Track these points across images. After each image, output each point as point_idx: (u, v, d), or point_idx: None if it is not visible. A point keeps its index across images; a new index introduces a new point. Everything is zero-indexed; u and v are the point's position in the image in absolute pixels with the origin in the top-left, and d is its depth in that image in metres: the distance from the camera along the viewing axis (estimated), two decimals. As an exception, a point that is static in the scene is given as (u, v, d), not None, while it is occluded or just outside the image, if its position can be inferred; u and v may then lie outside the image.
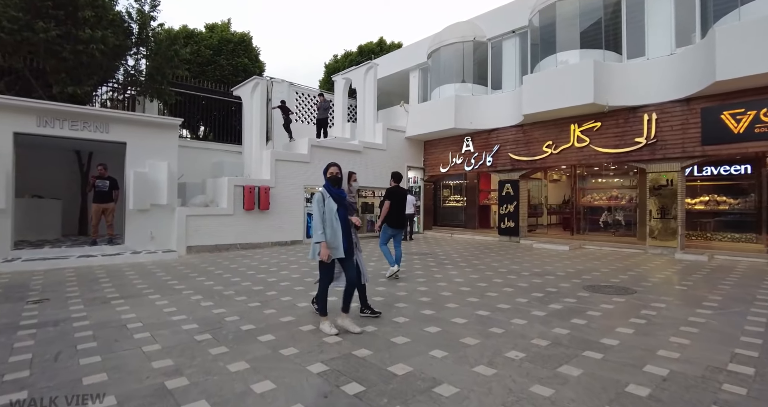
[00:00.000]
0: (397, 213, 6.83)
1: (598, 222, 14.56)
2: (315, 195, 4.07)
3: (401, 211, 6.90)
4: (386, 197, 6.81)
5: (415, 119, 14.80)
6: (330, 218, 3.98)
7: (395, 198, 6.80)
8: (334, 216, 3.99)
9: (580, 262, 8.69)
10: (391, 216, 6.78)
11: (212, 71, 16.10)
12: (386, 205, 6.73)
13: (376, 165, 14.18)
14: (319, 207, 3.98)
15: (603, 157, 10.90)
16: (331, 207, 4.00)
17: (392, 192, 6.84)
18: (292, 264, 8.41)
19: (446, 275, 7.16)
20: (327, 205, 4.01)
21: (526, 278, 6.91)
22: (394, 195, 6.80)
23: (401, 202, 6.86)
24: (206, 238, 10.17)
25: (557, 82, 10.64)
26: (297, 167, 11.86)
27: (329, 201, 4.02)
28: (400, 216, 6.89)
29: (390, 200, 6.75)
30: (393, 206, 6.74)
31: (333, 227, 3.97)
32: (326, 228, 3.94)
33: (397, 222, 6.88)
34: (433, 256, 9.52)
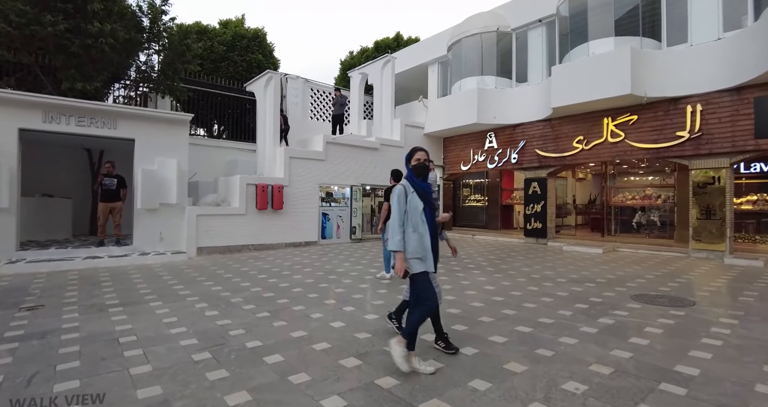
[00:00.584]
0: None
1: (629, 223, 13.69)
2: (395, 189, 3.21)
3: None
4: (386, 197, 6.39)
5: (434, 114, 14.16)
6: (415, 220, 3.13)
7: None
8: (420, 218, 3.14)
9: (618, 267, 7.93)
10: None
11: (226, 68, 15.75)
12: (386, 206, 6.32)
13: (393, 163, 13.55)
14: (401, 205, 3.13)
15: (640, 152, 10.08)
16: (416, 206, 3.15)
17: (391, 191, 6.34)
18: (306, 267, 7.88)
19: (474, 282, 6.52)
20: (410, 203, 3.16)
21: (564, 285, 6.23)
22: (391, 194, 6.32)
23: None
24: (217, 239, 9.74)
25: (590, 72, 9.87)
26: (311, 165, 11.35)
27: (413, 197, 3.17)
28: None
29: (389, 201, 6.28)
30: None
31: (419, 232, 3.12)
32: (409, 232, 3.11)
33: None
34: (457, 260, 8.88)
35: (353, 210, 12.15)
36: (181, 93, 12.34)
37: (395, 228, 3.09)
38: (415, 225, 3.13)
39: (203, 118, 14.92)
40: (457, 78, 13.80)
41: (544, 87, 11.79)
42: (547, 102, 11.45)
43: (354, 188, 12.25)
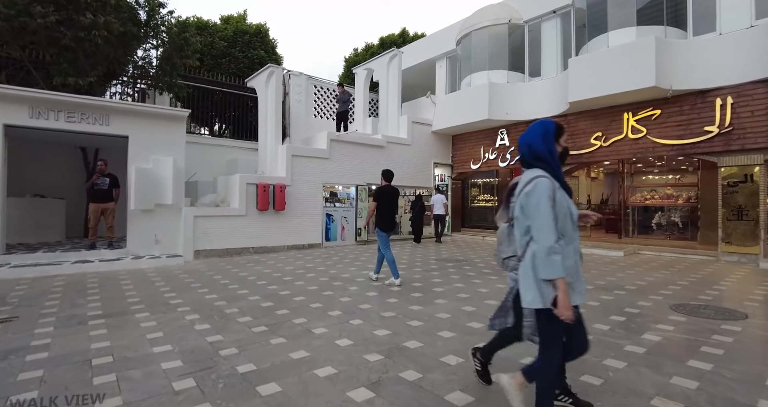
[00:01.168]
0: (389, 215, 6.30)
1: (647, 224, 13.07)
2: (536, 182, 2.05)
3: (393, 212, 6.38)
4: (375, 197, 6.29)
5: (443, 111, 13.61)
6: (565, 227, 2.08)
7: (385, 198, 6.27)
8: (571, 223, 2.11)
9: (644, 272, 7.34)
10: (383, 218, 6.25)
11: (227, 64, 15.27)
12: (372, 206, 6.27)
13: (400, 161, 13.05)
14: (549, 205, 2.01)
15: (663, 149, 9.48)
16: (567, 206, 2.10)
17: (382, 191, 6.32)
18: (309, 271, 7.35)
19: (493, 289, 5.95)
20: (559, 202, 2.07)
21: (592, 293, 5.65)
22: (383, 195, 6.28)
23: (392, 202, 6.35)
24: (216, 242, 9.23)
25: (611, 64, 9.28)
26: (315, 164, 10.83)
27: (562, 195, 2.11)
28: (391, 217, 6.35)
29: (379, 201, 6.24)
30: (383, 207, 6.24)
31: (574, 245, 2.13)
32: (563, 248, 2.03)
33: (390, 224, 6.32)
34: (470, 264, 8.32)
35: (358, 211, 11.62)
36: (179, 89, 11.86)
37: (549, 243, 1.96)
38: (567, 237, 2.08)
39: (204, 116, 14.45)
40: (467, 73, 13.24)
41: (558, 81, 11.21)
42: (562, 97, 10.87)
43: (359, 188, 11.72)
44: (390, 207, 6.29)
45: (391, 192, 6.36)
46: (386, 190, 6.32)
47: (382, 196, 6.25)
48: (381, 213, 6.23)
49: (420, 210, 12.93)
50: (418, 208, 12.91)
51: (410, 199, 14.80)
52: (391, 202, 6.30)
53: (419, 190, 14.20)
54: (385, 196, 6.26)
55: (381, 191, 6.31)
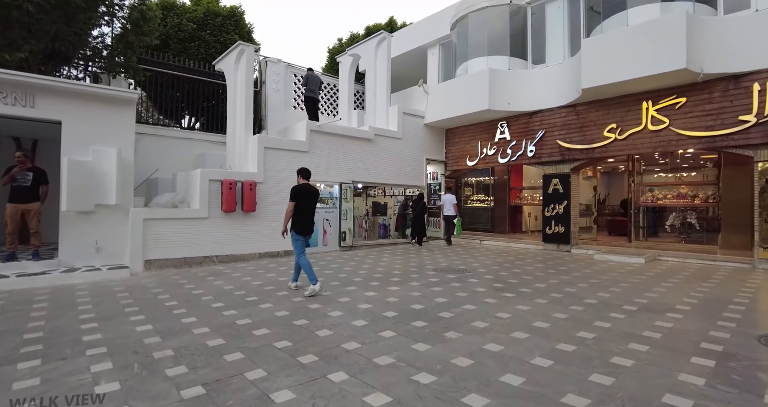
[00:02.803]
0: (308, 218, 5.71)
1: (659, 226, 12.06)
2: None
3: (312, 214, 5.78)
4: (293, 197, 5.62)
5: (436, 101, 12.32)
6: None
7: (305, 198, 5.68)
8: None
9: (682, 285, 6.16)
10: (300, 220, 5.64)
11: (196, 48, 13.68)
12: (290, 207, 5.59)
13: (389, 156, 11.72)
14: None
15: (689, 142, 8.37)
16: None
17: (300, 191, 5.68)
18: (280, 288, 5.95)
19: (516, 314, 4.65)
20: None
21: (642, 318, 4.41)
22: (302, 195, 5.65)
23: (311, 203, 5.78)
24: (172, 249, 7.74)
25: (633, 44, 8.13)
26: (292, 158, 9.40)
27: None
28: (310, 220, 5.76)
29: (296, 201, 5.59)
30: (301, 208, 5.62)
31: None
32: None
33: (308, 228, 5.73)
34: (475, 274, 7.03)
35: (343, 212, 10.24)
36: (136, 73, 10.30)
37: None
38: None
39: (171, 107, 12.86)
40: (463, 60, 11.99)
41: (567, 67, 10.05)
42: (570, 84, 9.71)
43: (344, 186, 10.34)
44: (309, 208, 5.73)
45: (311, 191, 5.81)
46: (305, 189, 5.74)
47: (301, 196, 5.64)
48: (298, 214, 5.62)
49: (421, 211, 11.71)
50: (419, 208, 11.69)
51: (398, 200, 13.50)
52: (310, 202, 5.75)
53: (410, 189, 12.90)
54: (304, 196, 5.67)
55: (300, 190, 5.68)
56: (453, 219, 11.62)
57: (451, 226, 11.68)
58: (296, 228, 5.63)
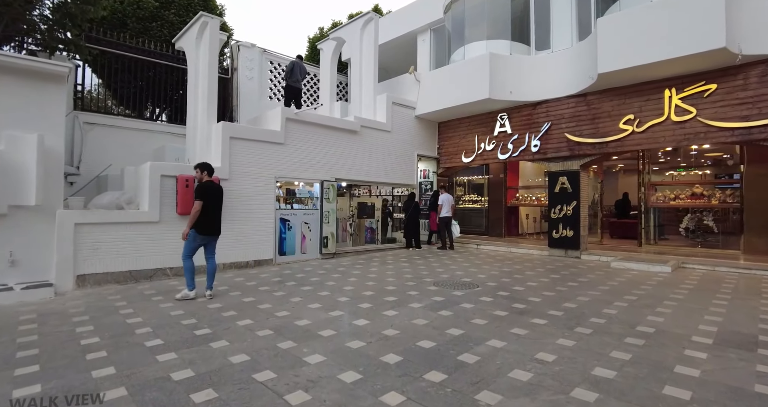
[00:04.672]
0: (212, 217, 5.35)
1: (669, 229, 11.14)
2: None
3: (217, 213, 5.44)
4: (199, 195, 5.22)
5: (429, 91, 11.11)
6: None
7: (213, 196, 5.35)
8: None
9: (745, 302, 5.09)
10: (206, 219, 5.26)
11: (158, 29, 12.11)
12: (197, 207, 5.17)
13: (377, 151, 10.46)
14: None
15: (720, 134, 7.39)
16: None
17: (208, 188, 5.32)
18: (243, 315, 4.59)
19: (559, 352, 3.44)
20: None
21: (734, 360, 3.26)
22: (207, 192, 5.28)
23: (217, 202, 5.44)
24: (114, 261, 6.28)
25: (659, 21, 7.09)
26: (265, 150, 8.04)
27: None
28: (215, 219, 5.41)
29: (202, 200, 5.20)
30: (205, 207, 5.22)
31: None
32: None
33: (212, 228, 5.38)
34: (484, 289, 5.82)
35: (324, 214, 8.90)
36: (80, 50, 8.73)
37: None
38: None
39: (128, 94, 11.26)
40: (459, 45, 10.84)
41: (575, 53, 8.99)
42: (580, 71, 8.67)
43: (326, 184, 9.01)
44: (216, 207, 5.40)
45: (217, 189, 5.49)
46: (211, 186, 5.40)
47: (207, 194, 5.26)
48: (204, 214, 5.22)
49: (415, 212, 10.51)
50: (412, 209, 10.48)
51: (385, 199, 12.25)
52: (216, 201, 5.40)
53: (399, 188, 11.66)
54: (212, 194, 5.33)
55: (206, 188, 5.29)
56: (450, 221, 10.48)
57: (448, 229, 10.49)
58: (198, 227, 5.22)
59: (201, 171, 5.41)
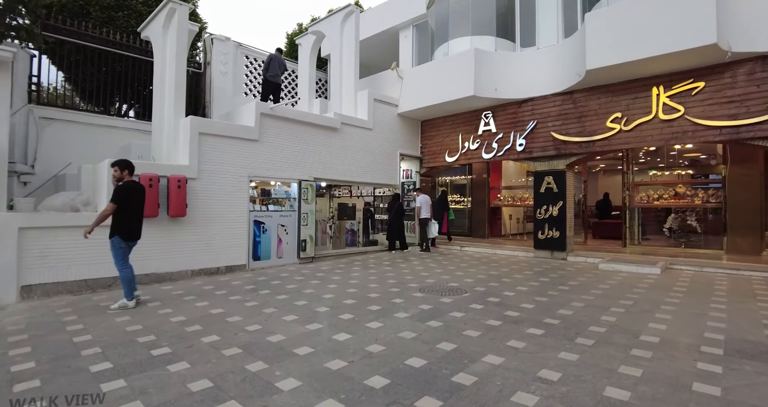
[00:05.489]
0: (136, 221, 4.95)
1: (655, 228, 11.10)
2: None
3: (141, 217, 5.03)
4: (121, 197, 4.72)
5: (412, 88, 10.75)
6: None
7: (135, 198, 4.91)
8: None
9: (745, 306, 4.89)
10: (129, 224, 4.86)
11: (125, 19, 11.36)
12: (110, 209, 4.68)
13: (359, 150, 10.04)
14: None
15: (708, 133, 7.26)
16: None
17: (128, 191, 4.82)
18: (210, 330, 4.09)
19: (563, 369, 3.09)
20: None
21: (743, 370, 2.98)
22: (130, 195, 4.83)
23: (141, 203, 5.01)
24: (66, 270, 5.66)
25: (650, 15, 6.91)
26: (237, 147, 7.51)
27: None
28: (140, 223, 5.02)
29: (120, 203, 4.70)
30: (129, 210, 4.81)
31: None
32: None
33: (137, 233, 5.00)
34: (473, 295, 5.47)
35: (302, 215, 8.41)
36: (33, 37, 7.99)
37: None
38: None
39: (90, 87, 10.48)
40: (442, 40, 10.52)
41: (561, 49, 8.79)
42: (566, 68, 8.47)
43: (304, 184, 8.52)
44: (138, 209, 4.97)
45: (140, 189, 5.04)
46: (135, 187, 4.94)
47: (132, 197, 4.84)
48: (127, 218, 4.81)
49: (398, 212, 10.18)
50: (395, 210, 10.15)
51: (367, 201, 11.84)
52: (140, 202, 4.98)
53: (381, 188, 11.27)
54: (135, 196, 4.89)
55: (129, 190, 4.82)
56: (429, 221, 10.20)
57: (426, 230, 10.24)
58: (121, 232, 4.78)
59: (122, 169, 4.87)
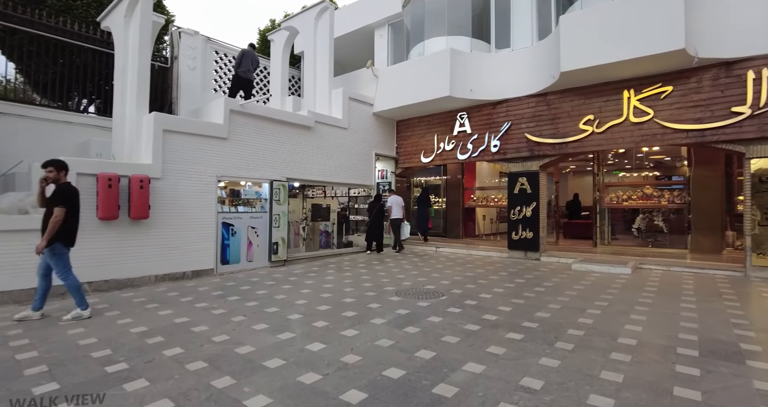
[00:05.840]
0: (76, 224, 4.64)
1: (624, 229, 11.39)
2: None
3: (78, 221, 4.67)
4: (63, 200, 4.42)
5: (387, 87, 10.62)
6: None
7: (75, 201, 4.60)
8: None
9: (707, 305, 4.99)
10: (70, 228, 4.54)
11: (84, 8, 10.72)
12: (61, 215, 4.35)
13: (334, 150, 9.82)
14: None
15: (675, 136, 7.45)
16: None
17: (71, 192, 4.57)
18: (171, 341, 3.81)
19: (545, 376, 3.01)
20: None
21: (720, 373, 2.99)
22: (74, 194, 4.60)
23: (78, 206, 4.65)
24: (12, 278, 5.23)
25: (622, 19, 7.01)
26: (205, 146, 7.16)
27: None
28: (76, 227, 4.65)
29: (67, 206, 4.44)
30: (70, 213, 4.49)
31: None
32: None
33: (75, 237, 4.66)
34: (450, 298, 5.38)
35: (274, 217, 8.13)
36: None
37: None
38: None
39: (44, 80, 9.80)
40: (418, 40, 10.44)
41: (536, 51, 8.85)
42: (540, 71, 8.55)
43: (276, 184, 8.24)
44: (77, 213, 4.66)
45: (76, 192, 4.67)
46: (73, 188, 4.65)
47: (75, 197, 4.60)
48: (69, 221, 4.49)
49: (379, 213, 10.13)
50: (377, 211, 10.09)
51: (341, 202, 11.63)
52: (78, 205, 4.67)
53: (357, 189, 11.08)
54: (77, 197, 4.64)
55: (69, 191, 4.55)
56: (401, 222, 10.19)
57: (399, 231, 10.27)
58: (64, 238, 4.47)
59: (58, 170, 4.52)
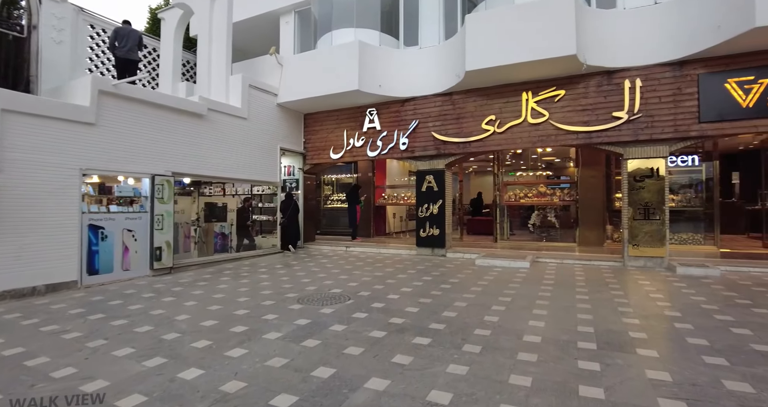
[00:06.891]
0: None
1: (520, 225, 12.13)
2: None
3: None
4: None
5: (294, 77, 9.94)
6: None
7: None
8: None
9: (598, 296, 5.30)
10: None
11: None
12: None
13: (231, 142, 8.90)
14: None
15: (567, 137, 7.98)
16: None
17: None
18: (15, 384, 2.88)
19: (454, 386, 2.76)
20: None
21: (616, 365, 3.03)
22: None
23: None
24: None
25: (522, 24, 7.27)
26: (64, 132, 5.90)
27: None
28: None
29: None
30: None
31: None
32: None
33: None
34: (357, 302, 5.02)
35: (157, 218, 7.03)
36: None
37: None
38: None
39: None
40: (325, 30, 9.95)
41: (442, 50, 8.92)
42: (446, 70, 8.65)
43: (158, 180, 7.14)
44: None
45: None
46: None
47: None
48: None
49: (294, 212, 9.88)
50: (291, 209, 9.92)
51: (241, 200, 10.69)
52: None
53: (260, 186, 10.25)
54: None
55: None
56: None
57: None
58: None
59: None
